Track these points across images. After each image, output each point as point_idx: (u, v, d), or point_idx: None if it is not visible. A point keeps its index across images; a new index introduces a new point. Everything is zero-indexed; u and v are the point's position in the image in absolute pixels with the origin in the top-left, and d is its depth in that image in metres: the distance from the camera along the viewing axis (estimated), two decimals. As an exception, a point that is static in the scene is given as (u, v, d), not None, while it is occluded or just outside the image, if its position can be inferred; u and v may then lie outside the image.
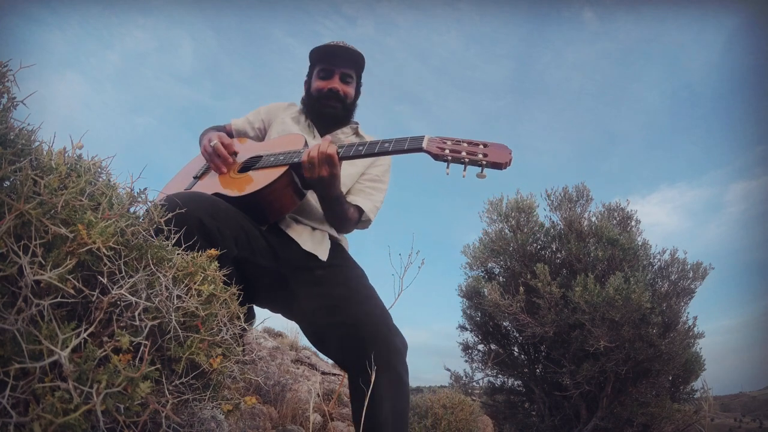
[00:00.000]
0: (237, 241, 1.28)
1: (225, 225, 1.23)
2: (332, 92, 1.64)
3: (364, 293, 1.40)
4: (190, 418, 0.84)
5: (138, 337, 0.66)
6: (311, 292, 1.39)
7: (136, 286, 0.70)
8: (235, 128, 1.81)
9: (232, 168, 1.53)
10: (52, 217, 0.64)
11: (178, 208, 1.10)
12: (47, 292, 0.61)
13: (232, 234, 1.25)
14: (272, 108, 1.82)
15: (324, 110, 1.67)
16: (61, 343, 0.56)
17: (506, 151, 1.17)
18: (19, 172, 0.64)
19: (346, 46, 1.67)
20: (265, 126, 1.79)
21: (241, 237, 1.29)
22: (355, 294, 1.38)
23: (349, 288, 1.40)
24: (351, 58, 1.66)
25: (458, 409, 2.67)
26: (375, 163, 1.69)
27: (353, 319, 1.30)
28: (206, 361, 0.76)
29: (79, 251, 0.64)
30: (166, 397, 0.71)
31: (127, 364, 0.61)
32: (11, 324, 0.56)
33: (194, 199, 1.21)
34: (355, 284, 1.43)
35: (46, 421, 0.53)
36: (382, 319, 1.33)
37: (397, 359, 1.29)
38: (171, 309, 0.72)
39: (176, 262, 0.81)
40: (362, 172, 1.67)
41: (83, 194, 0.71)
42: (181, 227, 1.06)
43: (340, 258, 1.54)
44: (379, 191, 1.66)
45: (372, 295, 1.42)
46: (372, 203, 1.62)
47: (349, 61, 1.67)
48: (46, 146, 0.74)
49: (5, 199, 0.60)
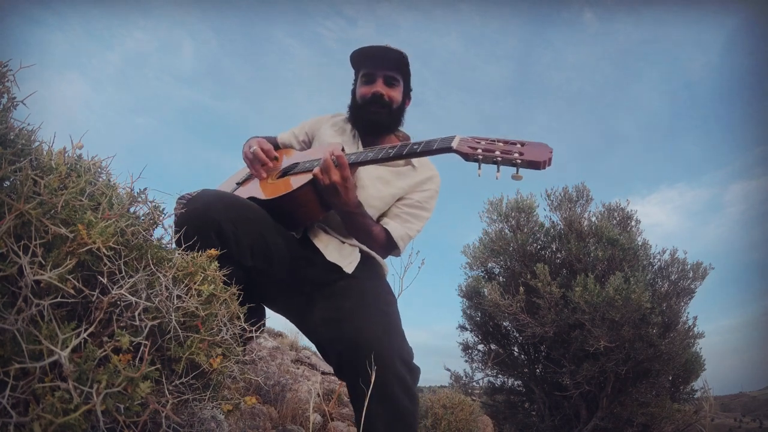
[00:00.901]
0: (253, 250, 1.22)
1: (244, 232, 1.18)
2: (375, 97, 1.53)
3: (374, 309, 1.25)
4: (190, 418, 0.84)
5: (138, 337, 0.66)
6: (324, 304, 1.30)
7: (136, 286, 0.70)
8: (281, 141, 1.75)
9: (271, 174, 1.51)
10: (52, 217, 0.64)
11: (194, 208, 1.11)
12: (47, 292, 0.61)
13: (249, 242, 1.20)
14: (316, 120, 1.74)
15: (369, 117, 1.55)
16: (61, 343, 0.56)
17: (545, 149, 1.06)
18: (19, 172, 0.64)
19: (387, 47, 1.53)
20: (309, 138, 1.72)
21: (258, 246, 1.23)
22: (364, 309, 1.24)
23: (360, 302, 1.26)
24: (394, 60, 1.53)
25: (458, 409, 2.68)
26: (419, 188, 1.54)
27: (353, 337, 1.16)
28: (206, 361, 0.76)
29: (79, 251, 0.64)
30: (166, 397, 0.71)
31: (127, 364, 0.61)
32: (11, 324, 0.56)
33: (218, 201, 1.18)
34: (369, 299, 1.29)
35: (46, 421, 0.53)
36: (386, 342, 1.17)
37: (396, 384, 1.15)
38: (171, 309, 0.72)
39: (176, 262, 0.81)
40: (401, 195, 1.52)
41: (83, 194, 0.71)
42: (198, 227, 1.09)
43: (367, 273, 1.41)
44: (418, 219, 1.51)
45: (385, 311, 1.27)
46: (405, 230, 1.47)
47: (393, 63, 1.54)
48: (46, 146, 0.74)
49: (5, 199, 0.60)
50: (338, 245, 1.41)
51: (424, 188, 1.55)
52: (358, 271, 1.38)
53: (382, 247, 1.47)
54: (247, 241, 1.19)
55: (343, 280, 1.34)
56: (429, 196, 1.55)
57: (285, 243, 1.31)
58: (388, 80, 1.55)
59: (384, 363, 1.12)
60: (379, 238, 1.43)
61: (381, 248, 1.47)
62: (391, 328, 1.23)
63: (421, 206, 1.53)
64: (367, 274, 1.41)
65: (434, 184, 1.57)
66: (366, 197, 1.45)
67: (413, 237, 1.51)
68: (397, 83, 1.57)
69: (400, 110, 1.60)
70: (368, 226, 1.39)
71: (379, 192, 1.48)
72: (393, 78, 1.56)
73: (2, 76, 0.69)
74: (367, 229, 1.39)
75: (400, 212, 1.51)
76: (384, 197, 1.49)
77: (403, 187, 1.52)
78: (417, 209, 1.52)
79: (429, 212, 1.55)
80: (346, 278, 1.35)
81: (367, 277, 1.39)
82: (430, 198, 1.55)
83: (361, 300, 1.27)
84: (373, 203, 1.47)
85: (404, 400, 1.17)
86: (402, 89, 1.59)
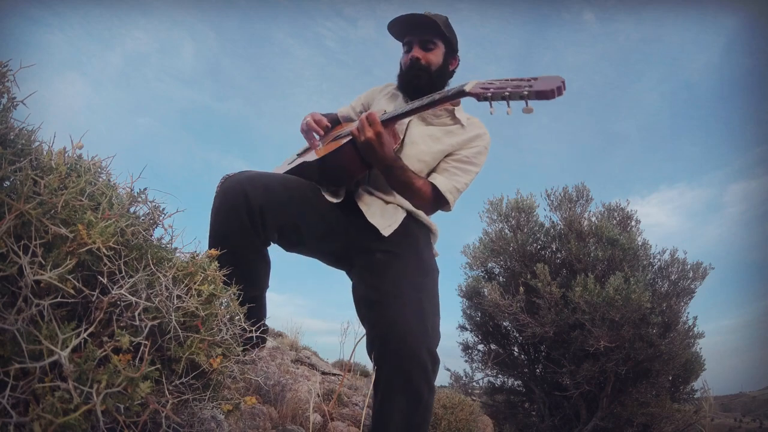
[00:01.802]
0: (282, 231, 1.35)
1: (273, 215, 1.30)
2: (413, 61, 1.57)
3: (408, 296, 1.28)
4: (190, 418, 0.84)
5: (138, 337, 0.66)
6: (363, 279, 1.39)
7: (136, 286, 0.70)
8: (341, 116, 1.84)
9: (324, 141, 1.62)
10: (52, 217, 0.64)
11: (230, 186, 1.29)
12: (47, 292, 0.61)
13: (277, 224, 1.33)
14: (371, 91, 1.83)
15: (411, 81, 1.59)
16: (61, 343, 0.56)
17: (556, 79, 1.02)
18: (19, 172, 0.64)
19: (419, 14, 1.56)
20: (365, 108, 1.79)
21: (287, 227, 1.36)
22: (398, 296, 1.27)
23: (396, 285, 1.30)
24: (428, 24, 1.56)
25: (458, 409, 2.67)
26: (468, 144, 1.58)
27: (386, 325, 1.22)
28: (206, 361, 0.76)
29: (79, 251, 0.64)
30: (166, 397, 0.71)
31: (127, 364, 0.61)
32: (11, 324, 0.56)
33: (251, 182, 1.31)
34: (408, 282, 1.33)
35: (46, 421, 0.53)
36: (417, 332, 1.21)
37: (421, 377, 1.20)
38: (171, 309, 0.72)
39: (176, 263, 0.81)
40: (449, 151, 1.56)
41: (83, 194, 0.71)
42: (229, 205, 1.28)
43: (407, 244, 1.44)
44: (466, 173, 1.54)
45: (418, 299, 1.30)
46: (452, 183, 1.50)
47: (427, 27, 1.57)
48: (46, 146, 0.74)
49: (5, 199, 0.60)
50: (381, 206, 1.48)
51: (472, 144, 1.58)
52: (400, 239, 1.42)
53: (428, 201, 1.49)
54: (274, 222, 1.32)
55: (381, 253, 1.40)
56: (478, 152, 1.58)
57: (320, 217, 1.41)
58: (424, 44, 1.59)
59: (412, 353, 1.18)
60: (423, 191, 1.46)
61: (427, 203, 1.50)
62: (424, 316, 1.27)
63: (469, 161, 1.56)
64: (409, 243, 1.45)
65: (483, 141, 1.60)
66: (417, 153, 1.52)
67: (461, 191, 1.54)
68: (434, 46, 1.60)
69: (441, 72, 1.62)
70: (410, 179, 1.42)
71: (429, 148, 1.53)
72: (429, 41, 1.59)
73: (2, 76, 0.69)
74: (409, 182, 1.42)
75: (448, 167, 1.55)
76: (434, 153, 1.54)
77: (452, 143, 1.56)
78: (465, 164, 1.55)
79: (477, 167, 1.57)
80: (385, 250, 1.40)
81: (408, 250, 1.43)
82: (478, 153, 1.58)
83: (399, 282, 1.32)
84: (424, 158, 1.52)
85: (425, 391, 1.21)
86: (443, 51, 1.62)
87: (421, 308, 1.29)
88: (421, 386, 1.20)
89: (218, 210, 1.29)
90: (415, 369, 1.19)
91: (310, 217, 1.39)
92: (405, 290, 1.30)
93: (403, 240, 1.44)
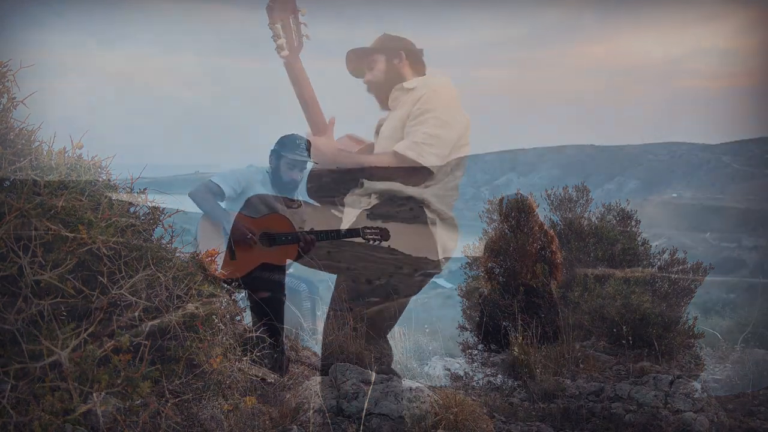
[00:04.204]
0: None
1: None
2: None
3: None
4: (190, 418, 0.84)
5: (138, 337, 0.66)
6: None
7: (136, 286, 0.70)
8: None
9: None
10: (52, 217, 0.64)
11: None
12: (47, 292, 0.61)
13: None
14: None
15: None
16: (61, 343, 0.56)
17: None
18: (19, 172, 0.64)
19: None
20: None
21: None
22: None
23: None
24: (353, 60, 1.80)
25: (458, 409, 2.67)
26: (416, 101, 1.57)
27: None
28: (206, 361, 0.76)
29: (79, 251, 0.64)
30: (166, 397, 0.71)
31: (127, 364, 0.61)
32: (11, 324, 0.56)
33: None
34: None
35: (46, 421, 0.53)
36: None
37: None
38: (171, 309, 0.72)
39: (176, 263, 0.80)
40: (405, 116, 1.58)
41: (83, 194, 0.71)
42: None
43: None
44: (422, 123, 1.52)
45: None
46: (409, 140, 1.51)
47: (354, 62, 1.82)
48: (46, 146, 0.74)
49: (5, 199, 0.60)
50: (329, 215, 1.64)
51: (417, 97, 1.58)
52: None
53: (398, 169, 1.49)
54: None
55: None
56: (426, 99, 1.56)
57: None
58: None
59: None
60: (382, 162, 1.47)
61: (399, 171, 1.50)
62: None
63: (420, 112, 1.54)
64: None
65: (425, 88, 1.59)
66: (386, 144, 1.58)
67: (425, 142, 1.52)
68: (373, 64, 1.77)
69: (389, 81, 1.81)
70: (360, 162, 1.47)
71: (387, 131, 1.59)
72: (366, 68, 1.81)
73: (2, 76, 0.69)
74: (360, 163, 1.47)
75: (408, 129, 1.56)
76: (396, 127, 1.58)
77: (401, 114, 1.58)
78: (417, 117, 1.54)
79: (432, 111, 1.54)
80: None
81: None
82: (427, 100, 1.56)
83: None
84: (390, 141, 1.57)
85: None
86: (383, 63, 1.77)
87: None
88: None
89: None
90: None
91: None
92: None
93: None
